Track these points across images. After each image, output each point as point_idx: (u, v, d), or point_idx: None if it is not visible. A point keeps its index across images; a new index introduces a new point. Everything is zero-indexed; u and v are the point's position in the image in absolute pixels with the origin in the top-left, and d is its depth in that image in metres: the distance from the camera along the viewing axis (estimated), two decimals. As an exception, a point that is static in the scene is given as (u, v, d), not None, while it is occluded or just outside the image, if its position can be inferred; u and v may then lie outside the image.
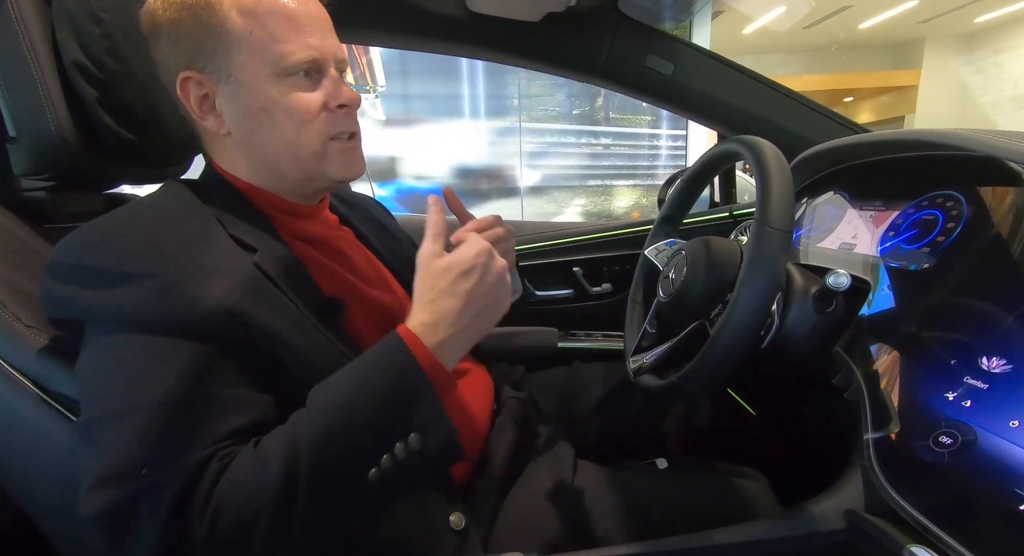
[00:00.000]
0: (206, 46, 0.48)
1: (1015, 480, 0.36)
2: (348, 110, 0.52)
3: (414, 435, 0.41)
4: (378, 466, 0.40)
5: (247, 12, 0.47)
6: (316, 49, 0.49)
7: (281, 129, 0.50)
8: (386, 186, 3.90)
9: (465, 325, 0.45)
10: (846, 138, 0.69)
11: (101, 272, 0.42)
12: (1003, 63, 6.97)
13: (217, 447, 0.40)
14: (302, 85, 0.49)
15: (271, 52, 0.48)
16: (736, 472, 0.65)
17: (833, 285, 0.52)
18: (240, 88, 0.49)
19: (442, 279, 0.45)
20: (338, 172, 0.53)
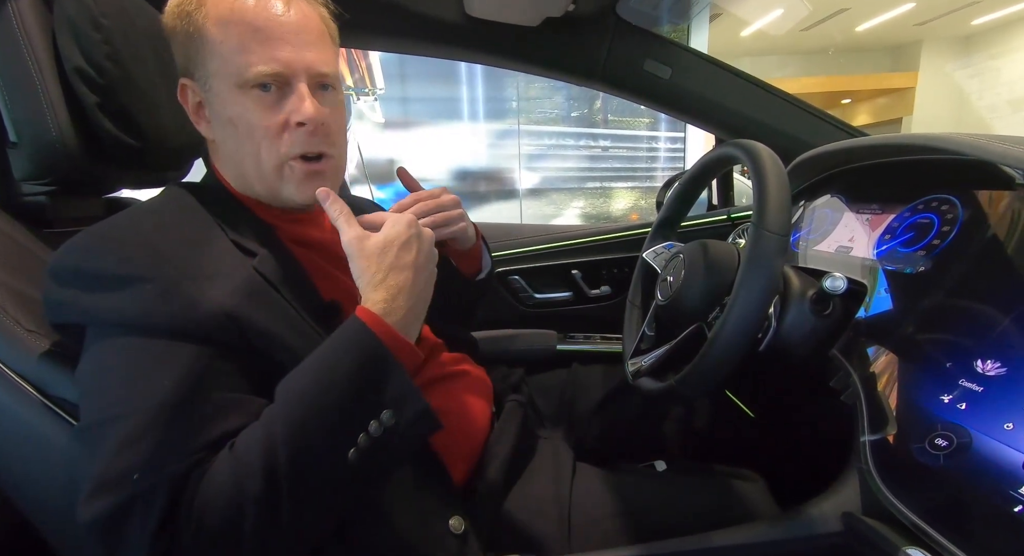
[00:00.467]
0: (192, 53, 0.48)
1: (1009, 482, 0.36)
2: (309, 129, 0.48)
3: (386, 412, 0.41)
4: (355, 446, 0.40)
5: (220, 21, 0.47)
6: (279, 62, 0.47)
7: (244, 142, 0.49)
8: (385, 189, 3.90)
9: (418, 294, 0.47)
10: (842, 142, 0.70)
11: (101, 276, 0.42)
12: (999, 67, 7.01)
13: (202, 455, 0.40)
14: (263, 100, 0.47)
15: (234, 62, 0.47)
16: (734, 474, 0.65)
17: (830, 288, 0.53)
18: (214, 97, 0.49)
19: (385, 256, 0.46)
20: (297, 195, 0.51)
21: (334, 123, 0.51)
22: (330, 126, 0.50)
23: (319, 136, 0.49)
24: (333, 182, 0.54)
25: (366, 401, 0.42)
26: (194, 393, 0.41)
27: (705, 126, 1.04)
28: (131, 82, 0.56)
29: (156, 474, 0.38)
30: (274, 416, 0.41)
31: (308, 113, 0.47)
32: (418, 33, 0.92)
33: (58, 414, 0.46)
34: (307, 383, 0.42)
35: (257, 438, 0.40)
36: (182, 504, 0.37)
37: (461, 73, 3.87)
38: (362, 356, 0.42)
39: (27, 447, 0.48)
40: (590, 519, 0.58)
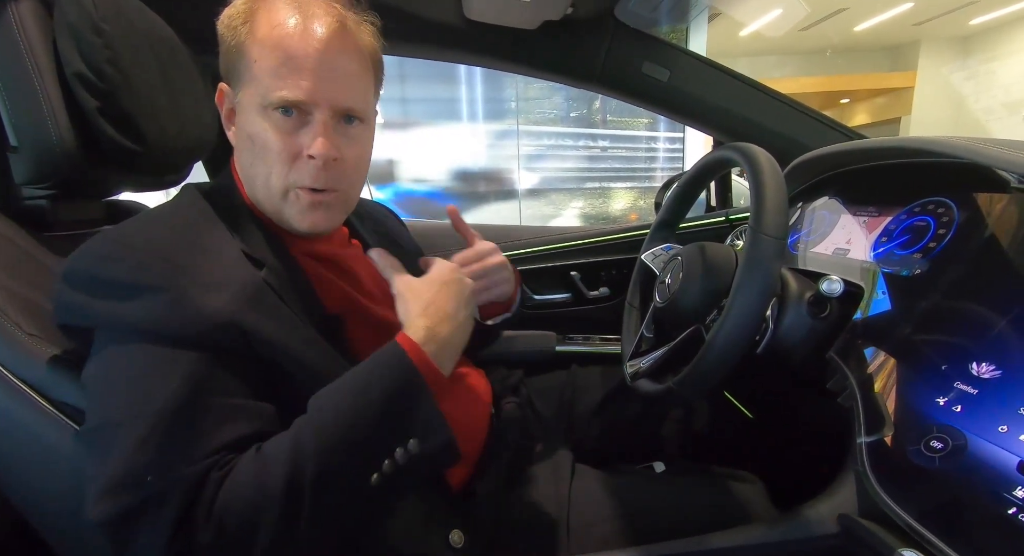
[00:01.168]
0: (231, 64, 0.50)
1: (1003, 484, 0.36)
2: (318, 163, 0.48)
3: (413, 440, 0.42)
4: (380, 470, 0.41)
5: (258, 41, 0.48)
6: (303, 91, 0.47)
7: (258, 160, 0.50)
8: (384, 189, 3.90)
9: (456, 328, 0.49)
10: (840, 144, 0.70)
11: (115, 283, 0.43)
12: (995, 70, 7.03)
13: (217, 457, 0.40)
14: (282, 124, 0.48)
15: (263, 84, 0.48)
16: (732, 476, 0.66)
17: (827, 291, 0.53)
18: (240, 109, 0.51)
19: (427, 292, 0.50)
20: (298, 222, 0.52)
21: (351, 158, 0.51)
22: (344, 162, 0.51)
23: (329, 172, 0.50)
24: (339, 215, 0.55)
25: (396, 426, 0.43)
26: (203, 398, 0.41)
27: (703, 128, 1.04)
28: (131, 86, 0.56)
29: (169, 476, 0.38)
30: (305, 429, 0.42)
31: (319, 150, 0.48)
32: (417, 36, 0.92)
33: (59, 418, 0.46)
34: (341, 401, 0.43)
35: (285, 448, 0.40)
36: (200, 505, 0.38)
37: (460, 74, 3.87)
38: (397, 380, 0.44)
39: (27, 450, 0.48)
40: (589, 521, 0.58)
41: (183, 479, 0.38)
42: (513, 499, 0.60)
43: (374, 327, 0.58)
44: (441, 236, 1.15)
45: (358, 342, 0.55)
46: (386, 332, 0.59)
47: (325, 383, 0.46)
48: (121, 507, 0.37)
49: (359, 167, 0.54)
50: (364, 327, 0.57)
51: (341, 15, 0.50)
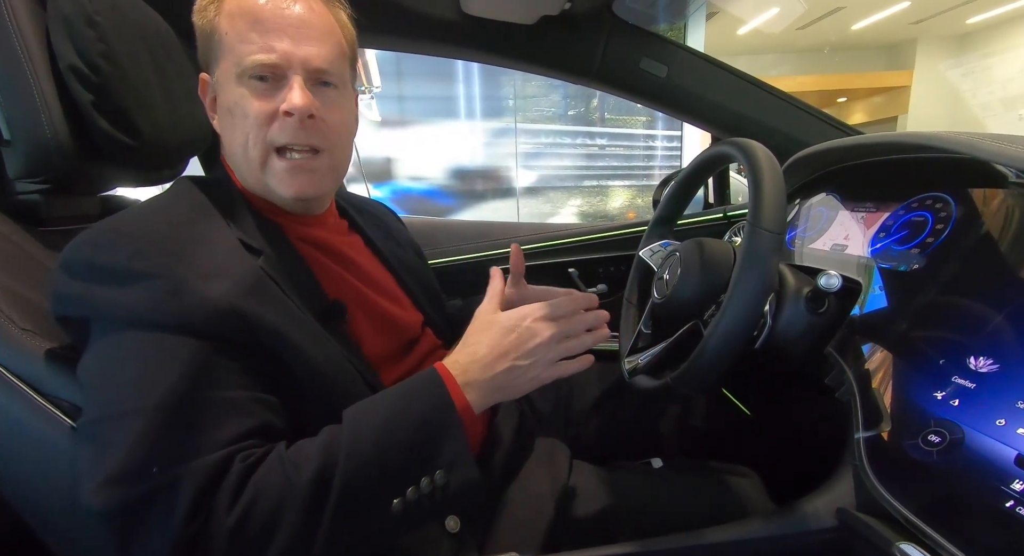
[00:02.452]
0: (207, 49, 0.50)
1: (1001, 478, 0.36)
2: (295, 119, 0.48)
3: (440, 471, 0.43)
4: (403, 497, 0.41)
5: (227, 14, 0.48)
6: (276, 52, 0.47)
7: (237, 131, 0.49)
8: (382, 187, 3.90)
9: (494, 375, 0.47)
10: (837, 140, 0.70)
11: (113, 271, 0.42)
12: (991, 66, 7.05)
13: (238, 447, 0.40)
14: (258, 89, 0.48)
15: (235, 52, 0.48)
16: (730, 471, 0.66)
17: (824, 286, 0.53)
18: (219, 88, 0.51)
19: (486, 330, 0.49)
20: (279, 188, 0.51)
21: (330, 119, 0.51)
22: (325, 121, 0.50)
23: (308, 129, 0.49)
24: (327, 180, 0.53)
25: (427, 454, 0.43)
26: (204, 388, 0.41)
27: (701, 124, 1.04)
28: (126, 80, 0.56)
29: (177, 467, 0.38)
30: (337, 443, 0.42)
31: (295, 103, 0.47)
32: (414, 31, 0.92)
33: (53, 413, 0.46)
34: (377, 420, 0.43)
35: (314, 458, 0.41)
36: (222, 492, 0.38)
37: (458, 71, 3.87)
38: (432, 407, 0.44)
39: (21, 446, 0.48)
40: (585, 516, 0.58)
41: (195, 469, 0.38)
42: (510, 494, 0.60)
43: (374, 317, 0.58)
44: (438, 234, 1.15)
45: (357, 331, 0.55)
46: (386, 321, 0.60)
47: (324, 373, 0.47)
48: (125, 498, 0.37)
49: (342, 133, 0.53)
50: (364, 316, 0.56)
51: None
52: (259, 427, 0.43)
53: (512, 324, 0.48)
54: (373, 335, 0.57)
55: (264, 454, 0.41)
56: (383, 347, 0.58)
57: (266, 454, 0.41)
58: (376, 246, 0.67)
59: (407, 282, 0.66)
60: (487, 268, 0.86)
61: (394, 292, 0.64)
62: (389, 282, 0.65)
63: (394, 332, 0.60)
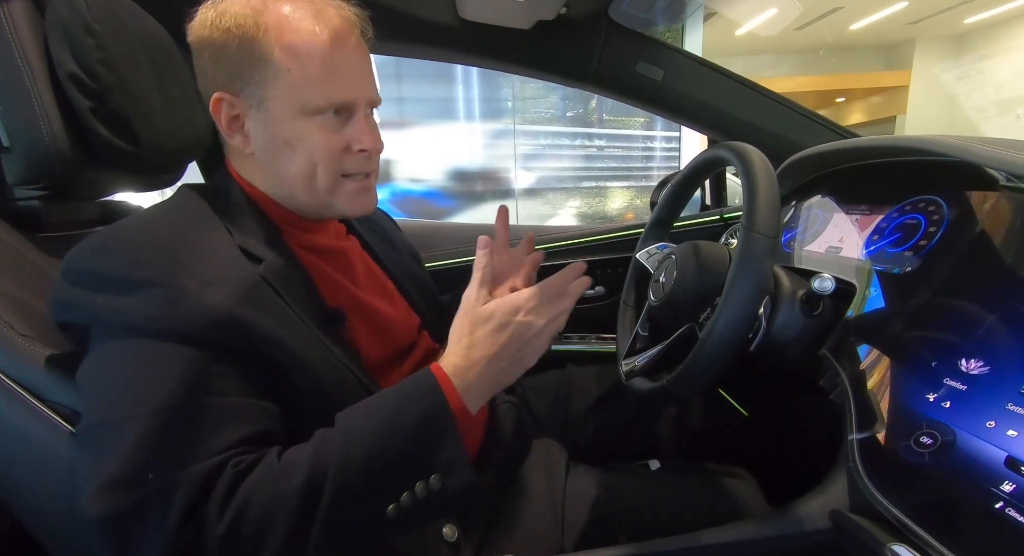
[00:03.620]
0: (244, 72, 0.49)
1: (991, 479, 0.37)
2: (367, 154, 0.53)
3: (435, 476, 0.42)
4: (397, 502, 0.41)
5: (288, 50, 0.48)
6: (351, 93, 0.51)
7: (300, 162, 0.51)
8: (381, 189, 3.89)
9: (493, 374, 0.47)
10: (833, 143, 0.70)
11: (114, 278, 0.43)
12: (985, 69, 7.07)
13: (230, 453, 0.40)
14: (329, 123, 0.51)
15: (304, 91, 0.49)
16: (726, 473, 0.66)
17: (818, 289, 0.53)
18: (270, 118, 0.50)
19: (482, 327, 0.47)
20: (347, 208, 0.55)
21: (382, 147, 0.56)
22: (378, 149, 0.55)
23: (372, 160, 0.55)
24: (376, 196, 0.59)
25: (422, 458, 0.43)
26: (202, 396, 0.41)
27: (697, 127, 1.04)
28: (125, 87, 0.56)
29: (173, 474, 0.38)
30: (329, 449, 0.42)
31: (370, 144, 0.52)
32: (411, 36, 0.92)
33: (52, 419, 0.46)
34: (371, 424, 0.43)
35: (304, 465, 0.40)
36: (213, 499, 0.38)
37: (457, 73, 3.87)
38: (427, 410, 0.44)
39: (21, 452, 0.48)
40: (583, 518, 0.58)
41: (189, 476, 0.38)
42: (507, 497, 0.60)
43: (372, 323, 0.58)
44: (435, 236, 1.16)
45: (356, 338, 0.55)
46: (384, 327, 0.60)
47: (323, 380, 0.47)
48: (122, 504, 0.38)
49: None
50: (362, 322, 0.57)
51: (352, 16, 0.52)
52: (256, 434, 0.43)
53: (505, 320, 0.47)
54: (371, 341, 0.57)
55: (255, 460, 0.41)
56: (381, 352, 0.58)
57: (257, 460, 0.41)
58: (373, 250, 0.67)
59: (404, 286, 0.67)
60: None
61: (392, 297, 0.65)
62: (387, 286, 0.65)
63: (392, 337, 0.61)
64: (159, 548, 0.37)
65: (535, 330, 0.48)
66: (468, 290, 0.50)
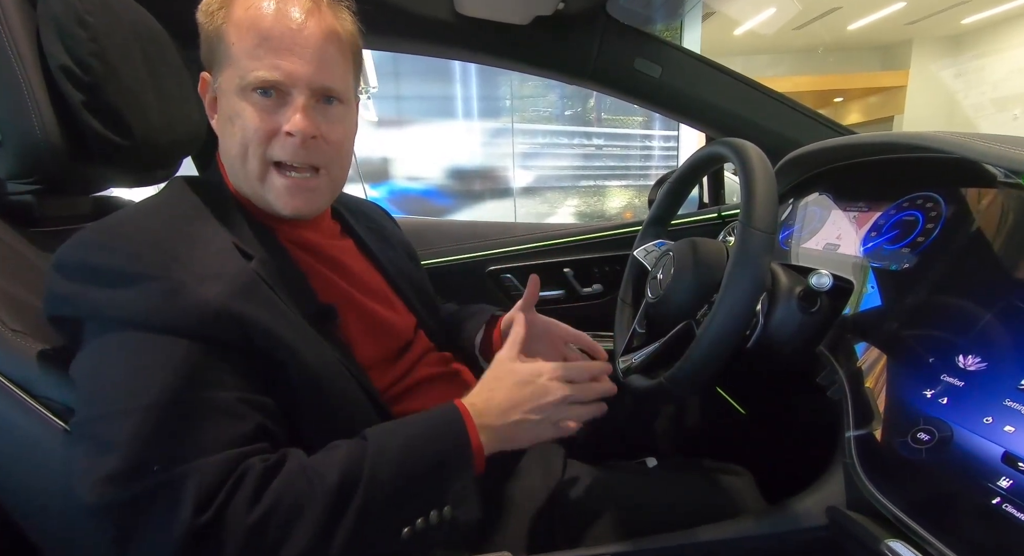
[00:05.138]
0: (214, 51, 0.50)
1: (988, 475, 0.37)
2: (296, 140, 0.49)
3: (448, 506, 0.44)
4: (412, 526, 0.43)
5: (236, 24, 0.48)
6: (281, 71, 0.47)
7: (235, 141, 0.50)
8: (379, 187, 3.89)
9: (506, 423, 0.49)
10: (830, 140, 0.70)
11: (108, 272, 0.42)
12: (983, 67, 7.09)
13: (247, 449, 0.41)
14: (261, 104, 0.48)
15: (240, 65, 0.48)
16: (723, 470, 0.66)
17: (816, 285, 0.53)
18: (221, 94, 0.51)
19: (505, 378, 0.51)
20: (277, 203, 0.51)
21: (331, 136, 0.52)
22: (326, 139, 0.51)
23: (309, 149, 0.50)
24: (325, 197, 0.55)
25: (439, 490, 0.45)
26: (201, 389, 0.41)
27: (695, 124, 1.04)
28: (118, 80, 0.56)
29: (180, 465, 0.38)
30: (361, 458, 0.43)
31: (298, 126, 0.48)
32: (408, 31, 0.92)
33: (43, 415, 0.46)
34: (399, 446, 0.45)
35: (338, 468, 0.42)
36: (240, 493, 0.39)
37: (455, 71, 3.86)
38: (452, 446, 0.46)
39: (11, 447, 0.47)
40: (579, 515, 0.58)
41: (202, 466, 0.39)
42: (504, 494, 0.60)
43: (365, 321, 0.58)
44: (432, 234, 1.15)
45: (349, 335, 0.55)
46: (378, 326, 0.60)
47: (317, 375, 0.47)
48: (125, 494, 0.38)
49: (342, 149, 0.54)
50: (355, 320, 0.56)
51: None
52: (257, 428, 0.43)
53: (528, 378, 0.50)
54: (365, 338, 0.57)
55: (282, 457, 0.42)
56: (375, 350, 0.58)
57: (284, 458, 0.42)
58: (369, 249, 0.66)
59: (400, 285, 0.67)
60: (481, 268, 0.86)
61: (387, 296, 0.64)
62: (381, 285, 0.65)
63: (386, 336, 0.61)
64: (171, 538, 0.37)
65: (551, 397, 0.50)
66: (502, 351, 0.54)
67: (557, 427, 0.51)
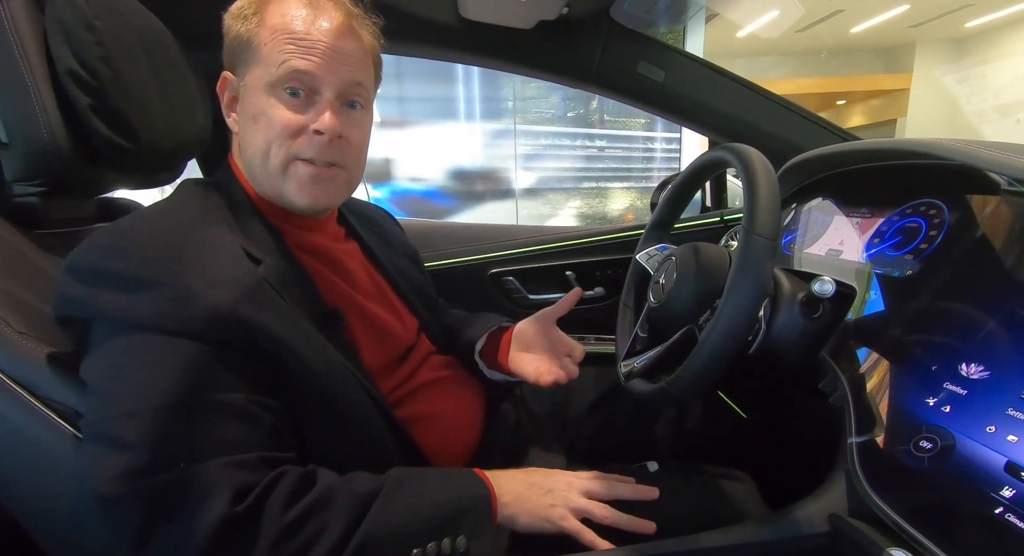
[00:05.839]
0: (239, 53, 0.52)
1: (990, 484, 0.37)
2: (325, 139, 0.51)
3: (462, 537, 0.46)
4: (423, 548, 0.44)
5: (269, 26, 0.50)
6: (313, 64, 0.50)
7: (259, 138, 0.51)
8: (381, 188, 3.90)
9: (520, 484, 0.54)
10: (834, 146, 0.70)
11: (120, 277, 0.43)
12: (985, 73, 7.08)
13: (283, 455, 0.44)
14: (289, 103, 0.50)
15: (271, 60, 0.50)
16: (725, 475, 0.66)
17: (818, 292, 0.53)
18: (246, 93, 0.52)
19: (530, 480, 0.55)
20: (296, 196, 0.53)
21: (353, 139, 0.54)
22: (348, 141, 0.53)
23: (333, 149, 0.52)
24: (341, 193, 0.56)
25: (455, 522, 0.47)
26: (214, 392, 0.42)
27: (698, 128, 1.04)
28: (124, 84, 0.56)
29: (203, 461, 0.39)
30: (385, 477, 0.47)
31: (327, 124, 0.50)
32: (412, 35, 0.92)
33: (49, 417, 0.46)
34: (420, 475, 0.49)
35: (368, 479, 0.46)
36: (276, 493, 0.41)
37: (458, 73, 3.87)
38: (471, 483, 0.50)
39: (16, 449, 0.48)
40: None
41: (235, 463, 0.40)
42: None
43: (369, 325, 0.58)
44: (435, 236, 1.15)
45: (354, 339, 0.55)
46: (381, 331, 0.60)
47: (323, 379, 0.48)
48: (148, 487, 0.39)
49: (361, 151, 0.56)
50: (360, 325, 0.57)
51: (348, 10, 0.53)
52: (269, 429, 0.44)
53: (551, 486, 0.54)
54: (369, 343, 0.57)
55: (316, 470, 0.45)
56: (380, 356, 0.58)
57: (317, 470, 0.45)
58: (372, 252, 0.67)
59: (402, 289, 0.67)
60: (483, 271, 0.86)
61: (390, 300, 0.65)
62: (385, 289, 0.65)
63: (390, 340, 0.61)
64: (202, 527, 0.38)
65: (565, 484, 0.54)
66: None
67: (559, 498, 0.53)
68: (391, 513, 0.44)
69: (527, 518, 0.51)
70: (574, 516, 0.52)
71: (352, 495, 0.44)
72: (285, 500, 0.41)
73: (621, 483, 0.57)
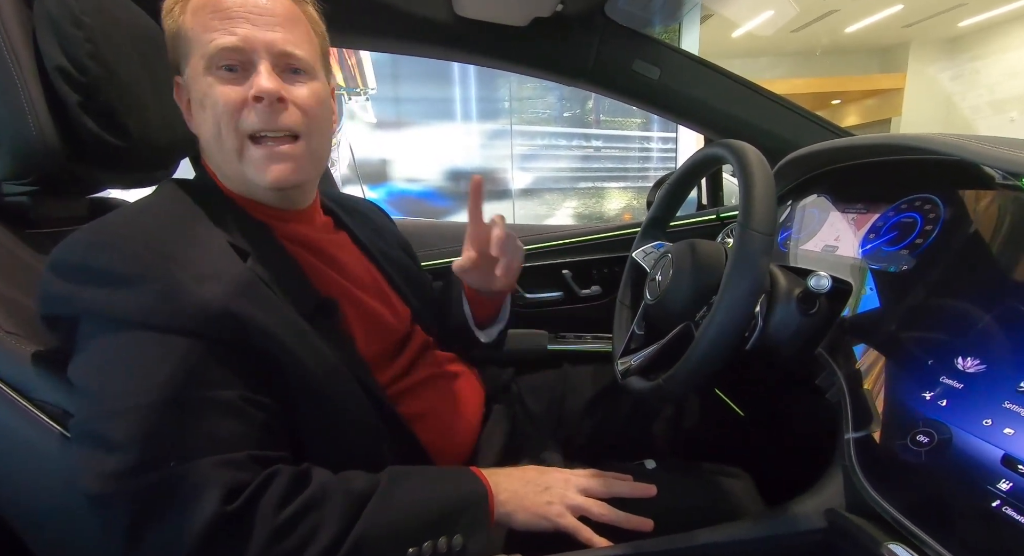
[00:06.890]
0: (177, 48, 0.51)
1: (987, 477, 0.37)
2: (266, 103, 0.48)
3: (459, 536, 0.46)
4: (419, 547, 0.44)
5: (192, 10, 0.49)
6: (238, 36, 0.47)
7: (208, 122, 0.49)
8: (377, 189, 3.89)
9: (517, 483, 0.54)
10: (828, 142, 0.70)
11: (106, 273, 0.42)
12: (979, 69, 7.12)
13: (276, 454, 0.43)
14: (226, 78, 0.48)
15: (200, 42, 0.48)
16: (722, 472, 0.66)
17: (815, 287, 0.53)
18: (190, 84, 0.51)
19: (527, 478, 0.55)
20: (257, 176, 0.50)
21: (303, 103, 0.51)
22: (298, 105, 0.50)
23: (280, 113, 0.49)
24: (306, 166, 0.53)
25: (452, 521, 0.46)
26: (205, 387, 0.42)
27: (694, 126, 1.04)
28: (114, 81, 0.55)
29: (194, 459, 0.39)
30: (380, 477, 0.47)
31: (263, 87, 0.47)
32: (406, 32, 0.92)
33: (38, 417, 0.45)
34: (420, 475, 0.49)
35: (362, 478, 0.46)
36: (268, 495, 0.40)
37: (454, 73, 3.86)
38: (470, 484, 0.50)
39: (5, 449, 0.47)
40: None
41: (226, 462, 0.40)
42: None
43: (362, 315, 0.58)
44: (431, 235, 1.15)
45: (348, 330, 0.55)
46: (375, 321, 0.59)
47: (316, 372, 0.47)
48: (142, 485, 0.38)
49: (318, 116, 0.53)
50: (353, 315, 0.56)
51: None
52: (262, 426, 0.43)
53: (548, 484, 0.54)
54: (363, 334, 0.56)
55: (309, 469, 0.45)
56: (374, 345, 0.58)
57: (311, 470, 0.45)
58: (363, 243, 0.66)
59: (395, 279, 0.66)
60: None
61: (382, 290, 0.64)
62: (377, 279, 0.65)
63: (384, 330, 0.60)
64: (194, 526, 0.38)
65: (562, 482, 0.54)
66: None
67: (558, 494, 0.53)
68: (386, 512, 0.44)
69: (524, 516, 0.51)
70: (571, 513, 0.52)
71: (347, 494, 0.44)
72: (278, 499, 0.40)
73: (618, 480, 0.57)
